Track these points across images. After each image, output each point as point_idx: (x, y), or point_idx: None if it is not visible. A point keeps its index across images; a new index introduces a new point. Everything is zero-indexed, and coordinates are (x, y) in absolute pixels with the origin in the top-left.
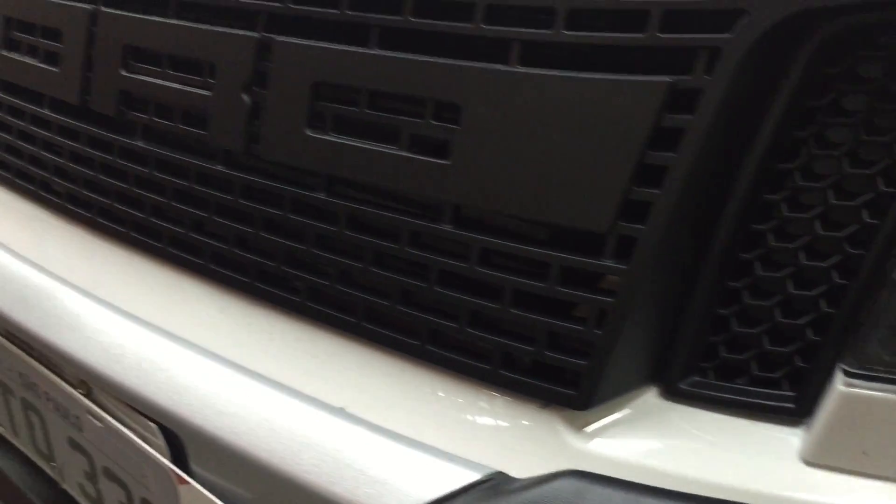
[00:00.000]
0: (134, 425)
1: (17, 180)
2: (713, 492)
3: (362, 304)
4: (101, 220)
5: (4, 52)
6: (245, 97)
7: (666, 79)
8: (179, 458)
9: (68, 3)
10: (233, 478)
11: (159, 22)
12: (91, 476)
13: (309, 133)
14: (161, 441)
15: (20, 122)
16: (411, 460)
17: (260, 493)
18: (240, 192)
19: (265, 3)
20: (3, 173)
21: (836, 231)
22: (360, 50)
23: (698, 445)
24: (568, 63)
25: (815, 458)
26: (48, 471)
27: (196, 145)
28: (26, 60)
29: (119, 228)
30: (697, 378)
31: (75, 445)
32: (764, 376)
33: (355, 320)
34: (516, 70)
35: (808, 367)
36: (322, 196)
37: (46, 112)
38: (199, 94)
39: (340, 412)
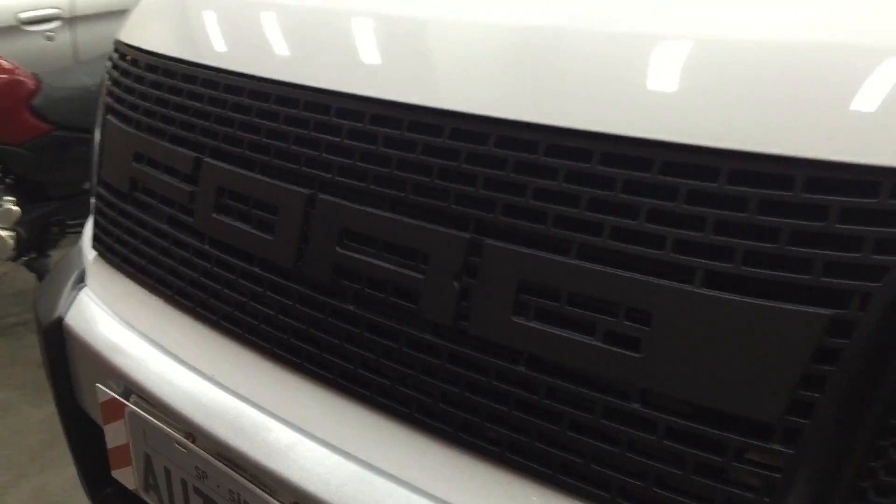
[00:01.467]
0: None
1: (223, 323)
2: None
3: (558, 459)
4: (309, 366)
5: (215, 215)
6: (455, 284)
7: (827, 312)
8: None
9: (286, 186)
10: None
11: (375, 213)
12: None
13: (513, 319)
14: None
15: (229, 275)
16: None
17: None
18: (446, 357)
19: (476, 212)
20: (210, 316)
21: None
22: (562, 259)
23: None
24: (743, 285)
25: None
26: None
27: (405, 313)
28: (238, 225)
29: (327, 375)
30: None
31: None
32: None
33: (550, 472)
34: (702, 292)
35: None
36: (522, 370)
37: (257, 270)
38: (411, 276)
39: None
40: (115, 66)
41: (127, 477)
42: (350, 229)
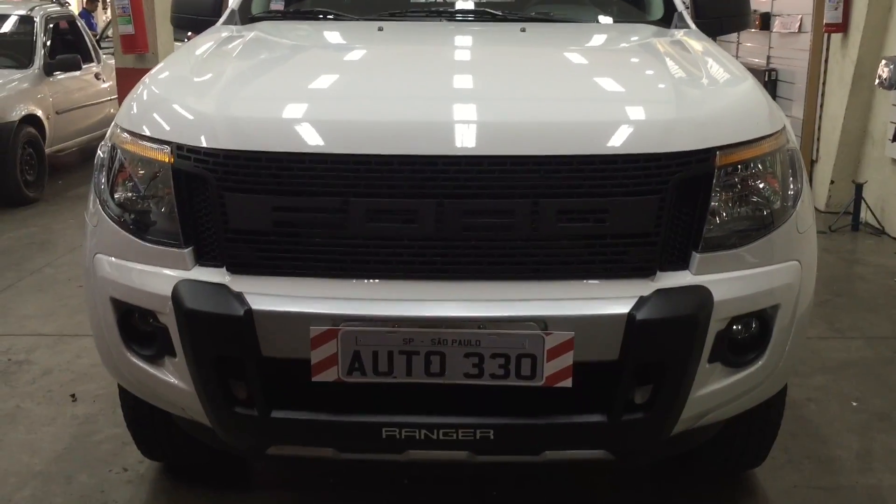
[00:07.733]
0: (518, 330)
1: (376, 272)
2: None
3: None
4: (453, 273)
5: (368, 223)
6: (531, 216)
7: (653, 197)
8: (544, 328)
9: (420, 200)
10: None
11: (483, 201)
12: (477, 364)
13: (559, 225)
14: (537, 326)
15: (385, 248)
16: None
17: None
18: (532, 244)
19: (518, 189)
20: (363, 271)
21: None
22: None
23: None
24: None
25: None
26: (431, 381)
27: (512, 237)
28: (384, 225)
29: (463, 274)
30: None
31: (469, 355)
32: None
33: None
34: (623, 197)
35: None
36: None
37: (406, 241)
38: (509, 222)
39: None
40: (220, 165)
41: (329, 375)
42: (470, 210)
